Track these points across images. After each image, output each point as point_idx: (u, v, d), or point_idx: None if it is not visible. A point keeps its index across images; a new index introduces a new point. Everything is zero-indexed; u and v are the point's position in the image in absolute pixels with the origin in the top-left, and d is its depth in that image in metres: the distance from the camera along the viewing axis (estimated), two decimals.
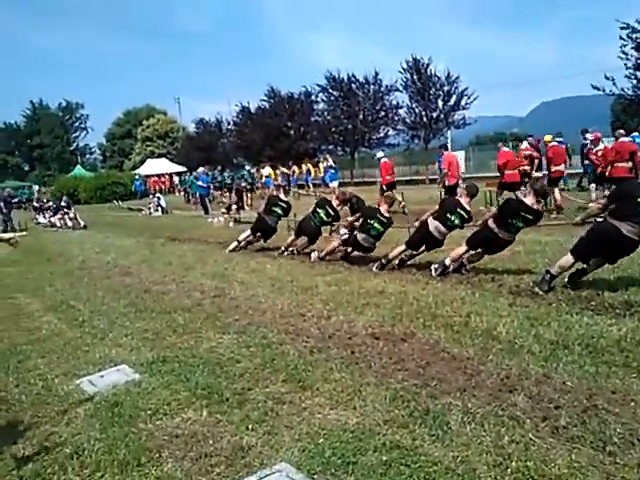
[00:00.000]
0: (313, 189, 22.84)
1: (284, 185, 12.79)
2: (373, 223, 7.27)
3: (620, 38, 21.24)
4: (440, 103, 29.24)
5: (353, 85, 31.52)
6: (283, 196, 9.66)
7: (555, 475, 2.30)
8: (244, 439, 2.81)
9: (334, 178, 21.40)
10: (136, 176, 36.00)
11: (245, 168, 21.81)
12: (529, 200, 5.75)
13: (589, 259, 5.08)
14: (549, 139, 12.31)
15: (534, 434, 2.62)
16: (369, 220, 7.33)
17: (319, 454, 2.60)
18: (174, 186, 36.14)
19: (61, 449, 2.89)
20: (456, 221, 6.47)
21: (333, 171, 21.85)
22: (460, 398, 3.06)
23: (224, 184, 20.72)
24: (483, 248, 6.17)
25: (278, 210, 9.21)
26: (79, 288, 7.41)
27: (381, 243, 7.49)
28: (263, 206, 9.60)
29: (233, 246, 9.55)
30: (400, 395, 3.16)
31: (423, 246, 6.77)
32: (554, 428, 2.67)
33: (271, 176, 23.27)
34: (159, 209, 22.07)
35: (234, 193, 18.01)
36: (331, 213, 8.35)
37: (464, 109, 29.37)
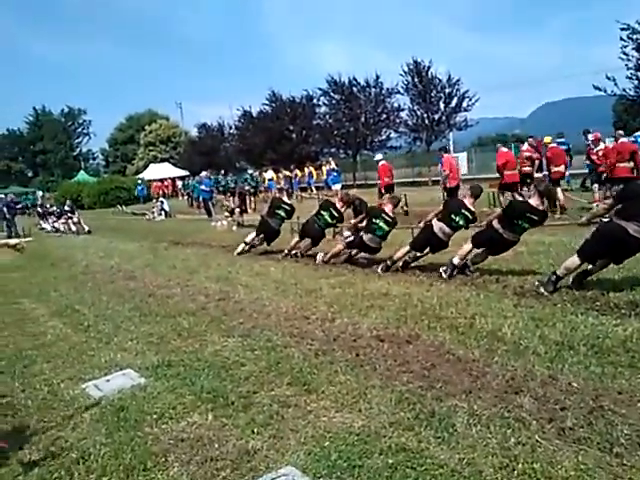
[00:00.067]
0: (316, 192, 22.86)
1: (287, 188, 12.80)
2: (379, 223, 7.24)
3: (620, 39, 21.24)
4: (441, 105, 29.22)
5: (354, 88, 31.51)
6: (286, 199, 9.67)
7: (562, 477, 2.30)
8: (250, 443, 2.81)
9: (337, 181, 21.44)
10: (138, 181, 36.11)
11: (248, 172, 21.85)
12: (534, 201, 5.75)
13: (596, 260, 5.05)
14: (549, 140, 12.30)
15: (540, 436, 2.62)
16: (374, 220, 7.29)
17: (325, 457, 2.60)
18: (177, 190, 36.23)
19: (67, 454, 2.90)
20: (461, 222, 6.47)
21: (335, 174, 21.91)
22: (466, 400, 3.05)
23: (227, 188, 20.77)
24: (487, 247, 6.17)
25: (281, 213, 9.21)
26: (83, 292, 7.44)
27: (385, 245, 7.49)
28: (266, 209, 9.60)
29: (241, 248, 9.51)
30: (405, 397, 3.15)
31: (427, 248, 6.77)
32: (560, 429, 2.66)
33: (274, 179, 23.33)
34: (162, 213, 22.13)
35: (237, 197, 18.05)
36: (335, 215, 8.35)
37: (465, 111, 29.36)
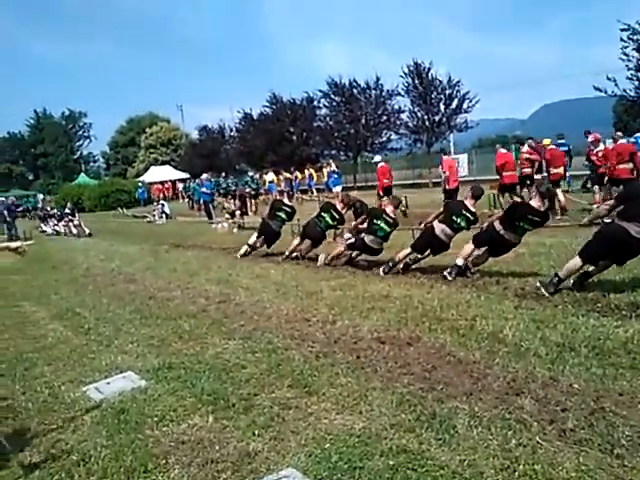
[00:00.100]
0: (316, 194, 22.87)
1: (287, 190, 12.80)
2: (380, 223, 7.24)
3: (621, 40, 21.22)
4: (442, 107, 29.21)
5: (355, 90, 31.55)
6: (287, 201, 9.66)
7: (563, 478, 2.29)
8: (250, 445, 2.81)
9: (337, 183, 21.44)
10: (139, 184, 36.14)
11: (249, 174, 21.86)
12: (535, 202, 5.76)
13: (597, 261, 5.05)
14: (548, 142, 12.32)
15: (541, 437, 2.61)
16: (376, 220, 7.28)
17: (325, 459, 2.60)
18: (178, 193, 36.26)
19: (68, 456, 2.90)
20: (462, 223, 6.48)
21: (336, 176, 21.91)
22: (467, 402, 3.05)
23: (228, 190, 20.78)
24: (488, 247, 6.18)
25: (282, 215, 9.20)
26: (84, 295, 7.44)
27: (385, 247, 7.48)
28: (267, 211, 9.60)
29: (244, 250, 9.43)
30: (406, 399, 3.15)
31: (428, 250, 6.77)
32: (561, 431, 2.66)
33: (274, 182, 23.35)
34: (163, 216, 22.14)
35: (238, 199, 18.06)
36: (336, 217, 8.35)
37: (466, 112, 29.34)
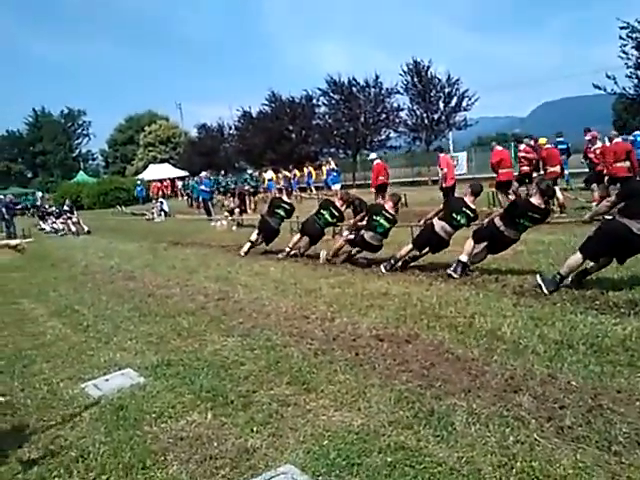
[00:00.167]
0: (315, 192, 22.88)
1: (286, 187, 12.79)
2: (379, 220, 7.23)
3: (620, 38, 21.21)
4: (441, 105, 29.23)
5: (354, 88, 31.54)
6: (286, 198, 9.66)
7: (560, 475, 2.30)
8: (249, 441, 2.81)
9: (336, 181, 21.46)
10: (137, 181, 36.10)
11: (248, 172, 21.86)
12: (536, 200, 5.78)
13: (599, 258, 5.05)
14: (544, 142, 12.33)
15: (539, 434, 2.62)
16: (375, 217, 7.27)
17: (324, 456, 2.60)
18: (177, 190, 36.24)
19: (66, 452, 2.90)
20: (462, 221, 6.48)
21: (335, 174, 21.94)
22: (465, 399, 3.06)
23: (228, 188, 20.78)
24: (487, 244, 6.19)
25: (281, 212, 9.20)
26: (83, 293, 7.44)
27: (385, 245, 7.49)
28: (266, 208, 9.59)
29: (247, 247, 9.35)
30: (404, 396, 3.15)
31: (427, 247, 6.77)
32: (559, 428, 2.66)
33: (273, 180, 23.35)
34: (162, 214, 22.12)
35: (237, 197, 18.06)
36: (335, 214, 8.34)
37: (465, 110, 29.39)
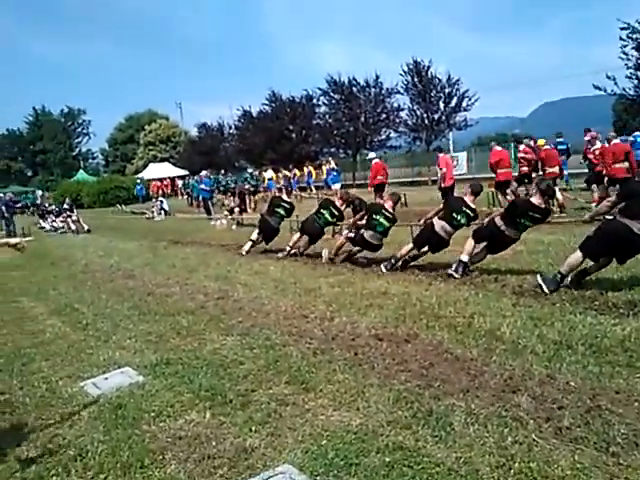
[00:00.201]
0: (315, 191, 22.88)
1: (286, 186, 12.78)
2: (379, 219, 7.23)
3: (620, 39, 21.20)
4: (441, 105, 29.24)
5: (354, 88, 31.55)
6: (286, 197, 9.65)
7: (558, 476, 2.30)
8: (247, 441, 2.81)
9: (336, 180, 21.46)
10: (137, 180, 36.09)
11: (248, 170, 21.85)
12: (536, 200, 5.79)
13: (599, 257, 5.04)
14: (542, 143, 12.35)
15: (537, 435, 2.62)
16: (375, 216, 7.28)
17: (322, 455, 2.60)
18: (177, 189, 36.23)
19: (65, 451, 2.90)
20: (462, 220, 6.49)
21: (335, 173, 21.95)
22: (463, 399, 3.05)
23: (228, 188, 20.77)
24: (487, 243, 6.19)
25: (281, 211, 9.19)
26: (83, 291, 7.44)
27: (385, 245, 7.48)
28: (266, 207, 9.59)
29: (248, 247, 9.32)
30: (403, 396, 3.15)
31: (426, 246, 6.77)
32: (557, 429, 2.66)
33: (273, 179, 23.35)
34: (162, 212, 22.12)
35: (237, 196, 18.06)
36: (335, 213, 8.35)
37: (465, 110, 29.40)
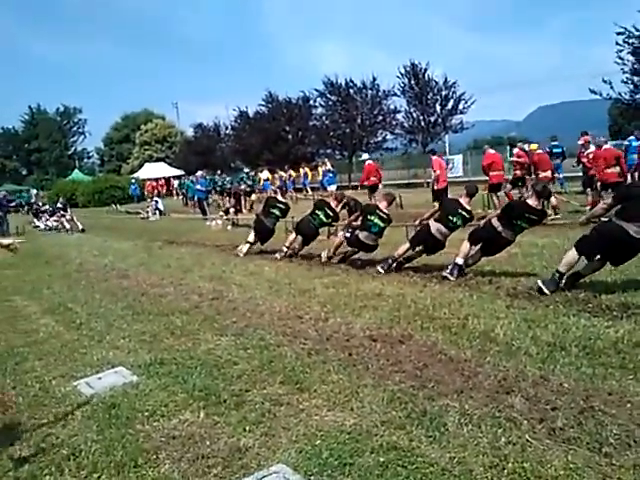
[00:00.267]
0: (311, 193, 22.89)
1: (281, 187, 12.78)
2: (373, 219, 7.23)
3: (616, 44, 21.35)
4: (438, 107, 29.36)
5: (351, 90, 31.62)
6: (281, 197, 9.65)
7: (551, 476, 2.31)
8: (241, 440, 2.81)
9: (332, 182, 21.47)
10: (132, 180, 35.97)
11: (244, 171, 21.86)
12: (532, 202, 5.83)
13: (593, 257, 5.07)
14: (534, 147, 12.43)
15: (531, 435, 2.63)
16: (369, 216, 7.28)
17: (316, 455, 2.60)
18: (173, 189, 36.13)
19: (58, 450, 2.88)
20: (458, 222, 6.52)
21: (331, 175, 21.95)
22: (457, 400, 3.06)
23: (224, 188, 20.75)
24: (482, 245, 6.21)
25: (276, 212, 9.18)
26: (77, 291, 7.40)
27: (381, 245, 7.50)
28: (261, 208, 9.58)
29: (246, 249, 9.23)
30: (397, 397, 3.16)
31: (420, 247, 6.80)
32: (551, 429, 2.68)
33: (269, 180, 23.33)
34: (157, 212, 22.06)
35: (232, 197, 18.04)
36: (330, 214, 8.35)
37: (462, 113, 29.56)
